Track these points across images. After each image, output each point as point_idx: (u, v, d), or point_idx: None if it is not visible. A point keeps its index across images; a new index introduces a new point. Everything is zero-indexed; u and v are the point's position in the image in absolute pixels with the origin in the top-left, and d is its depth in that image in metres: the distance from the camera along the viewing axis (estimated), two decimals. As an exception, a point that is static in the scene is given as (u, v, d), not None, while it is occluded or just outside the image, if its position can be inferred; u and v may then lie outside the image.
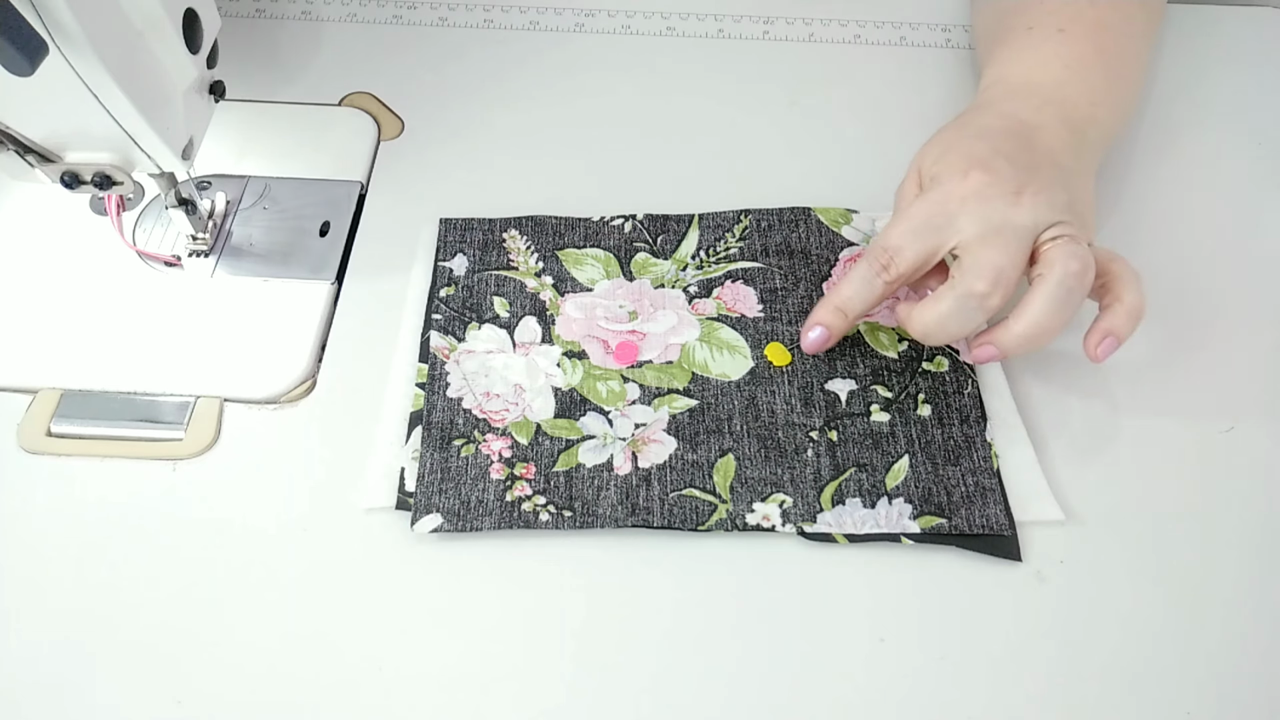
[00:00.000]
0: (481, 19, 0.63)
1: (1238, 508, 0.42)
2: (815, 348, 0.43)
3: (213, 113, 0.46)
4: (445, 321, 0.47)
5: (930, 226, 0.41)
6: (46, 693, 0.37)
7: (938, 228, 0.41)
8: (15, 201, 0.51)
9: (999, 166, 0.41)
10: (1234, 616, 0.39)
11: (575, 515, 0.41)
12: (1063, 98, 0.47)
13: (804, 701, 0.37)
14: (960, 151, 0.43)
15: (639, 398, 0.45)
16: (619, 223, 0.51)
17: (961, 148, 0.43)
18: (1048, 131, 0.45)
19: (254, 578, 0.40)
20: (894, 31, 0.63)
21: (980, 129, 0.45)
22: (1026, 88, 0.48)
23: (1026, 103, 0.47)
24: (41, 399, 0.44)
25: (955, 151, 0.43)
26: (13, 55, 0.34)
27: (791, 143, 0.56)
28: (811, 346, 0.43)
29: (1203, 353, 0.47)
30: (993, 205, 0.40)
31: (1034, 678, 0.38)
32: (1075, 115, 0.47)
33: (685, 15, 0.63)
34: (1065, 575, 0.40)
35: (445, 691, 0.37)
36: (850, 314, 0.43)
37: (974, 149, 0.43)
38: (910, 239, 0.41)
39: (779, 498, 0.41)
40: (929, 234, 0.41)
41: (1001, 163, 0.42)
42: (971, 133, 0.45)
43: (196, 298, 0.48)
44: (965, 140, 0.44)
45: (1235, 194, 0.54)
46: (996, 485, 0.42)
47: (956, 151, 0.43)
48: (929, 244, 0.41)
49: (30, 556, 0.40)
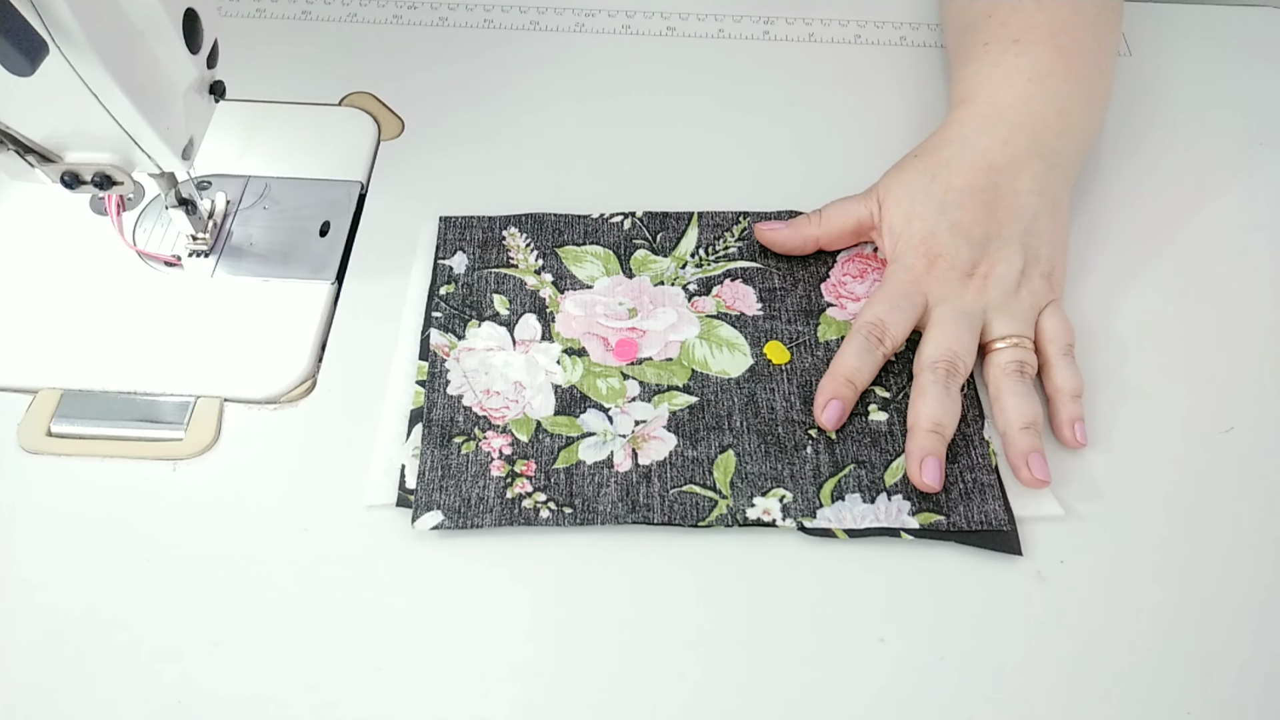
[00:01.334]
0: (481, 19, 0.63)
1: (1238, 507, 0.42)
2: (835, 420, 0.43)
3: (213, 113, 0.46)
4: (445, 319, 0.47)
5: (908, 303, 0.45)
6: (46, 692, 0.37)
7: (914, 304, 0.45)
8: (15, 201, 0.51)
9: (955, 251, 0.46)
10: (1234, 615, 0.39)
11: (576, 512, 0.41)
12: (1031, 115, 0.48)
13: (805, 696, 0.37)
14: (919, 229, 0.47)
15: (639, 395, 0.45)
16: (618, 220, 0.51)
17: (921, 222, 0.47)
18: (1016, 171, 0.47)
19: (254, 577, 0.40)
20: (894, 31, 0.63)
21: (944, 194, 0.47)
22: (993, 114, 0.49)
23: (994, 135, 0.48)
24: (41, 399, 0.44)
25: (915, 227, 0.47)
26: (13, 55, 0.34)
27: (791, 143, 0.56)
28: (831, 421, 0.43)
29: (1203, 353, 0.47)
30: (949, 288, 0.45)
31: (1034, 676, 0.38)
32: (1046, 132, 0.48)
33: (685, 15, 0.63)
34: (1065, 574, 0.40)
35: (446, 690, 0.37)
36: (859, 384, 0.44)
37: (934, 228, 0.46)
38: (895, 315, 0.45)
39: (779, 492, 0.42)
40: (909, 308, 0.45)
41: (959, 244, 0.46)
42: (934, 199, 0.47)
43: (196, 298, 0.48)
44: (928, 212, 0.47)
45: (1235, 194, 0.54)
46: (995, 481, 0.42)
47: (916, 228, 0.47)
48: (910, 317, 0.45)
49: (30, 556, 0.40)
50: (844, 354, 0.44)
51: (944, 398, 0.42)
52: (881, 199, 0.48)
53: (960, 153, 0.48)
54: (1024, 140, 0.48)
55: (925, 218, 0.47)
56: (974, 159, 0.48)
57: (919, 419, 0.42)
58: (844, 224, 0.49)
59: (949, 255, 0.46)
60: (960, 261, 0.46)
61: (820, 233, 0.49)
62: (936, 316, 0.45)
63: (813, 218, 0.49)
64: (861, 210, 0.49)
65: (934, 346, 0.44)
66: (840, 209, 0.49)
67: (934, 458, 0.41)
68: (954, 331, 0.44)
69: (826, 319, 0.47)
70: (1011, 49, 0.50)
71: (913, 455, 0.42)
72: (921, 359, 0.44)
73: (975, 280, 0.45)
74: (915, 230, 0.47)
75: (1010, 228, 0.46)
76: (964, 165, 0.47)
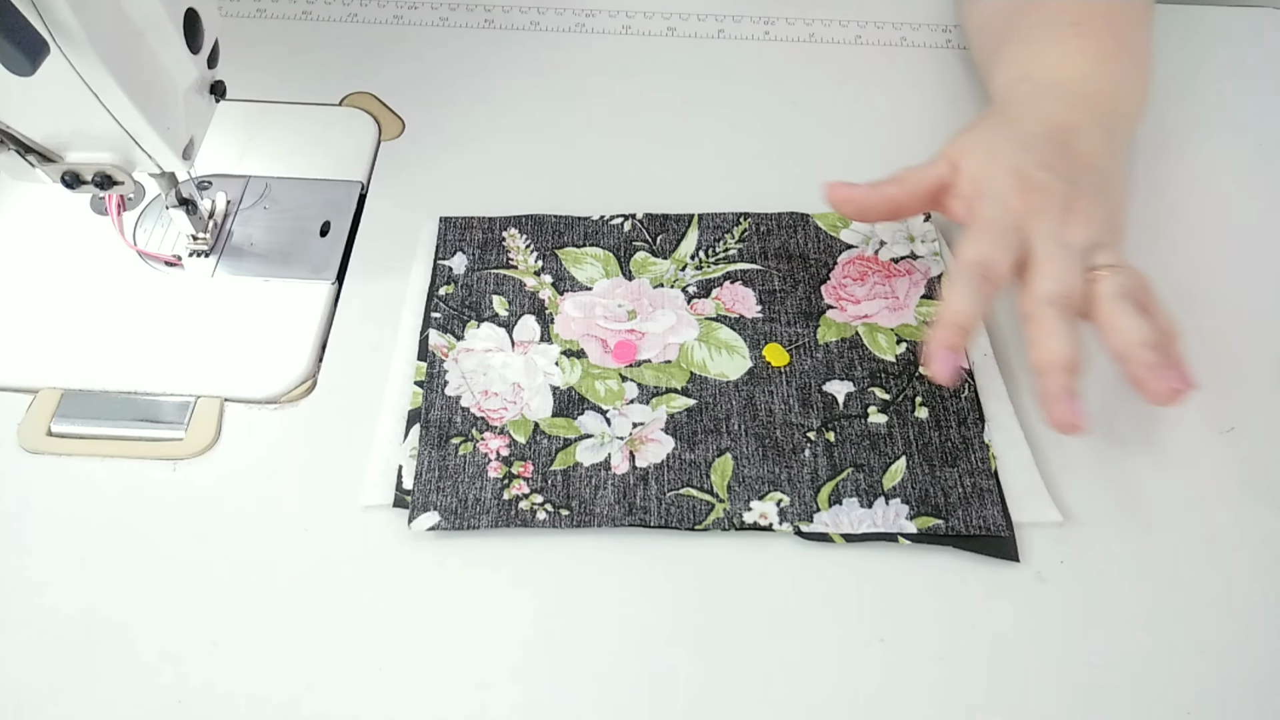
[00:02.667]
0: (481, 19, 0.63)
1: (1237, 508, 0.42)
2: (951, 374, 0.40)
3: (213, 113, 0.46)
4: (444, 320, 0.47)
5: (1010, 238, 0.41)
6: (47, 692, 0.37)
7: (1015, 239, 0.41)
8: (15, 201, 0.52)
9: (1049, 184, 0.42)
10: (1234, 616, 0.39)
11: (572, 514, 0.41)
12: (1090, 93, 0.47)
13: (802, 701, 0.37)
14: (1006, 164, 0.43)
15: (637, 397, 0.45)
16: (618, 222, 0.51)
17: (1006, 158, 0.43)
18: (1084, 134, 0.45)
19: (254, 577, 0.40)
20: (894, 32, 0.63)
21: (1023, 137, 0.45)
22: (1056, 86, 0.48)
23: (1060, 102, 0.47)
24: (42, 399, 0.44)
25: (1000, 163, 0.43)
26: (13, 55, 0.34)
27: (791, 143, 0.56)
28: (946, 374, 0.40)
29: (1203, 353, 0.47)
30: (1050, 223, 0.41)
31: (1034, 678, 0.38)
32: (1104, 111, 0.47)
33: (685, 16, 0.63)
34: (1065, 575, 0.40)
35: (444, 690, 0.37)
36: (969, 328, 0.40)
37: (1020, 162, 0.43)
38: (1000, 252, 0.41)
39: (776, 496, 0.42)
40: (1012, 243, 0.41)
41: (1051, 178, 0.42)
42: (1015, 140, 0.44)
43: (197, 298, 0.48)
44: (1010, 150, 0.44)
45: (1235, 194, 0.54)
46: (994, 486, 0.42)
47: (1002, 163, 0.43)
48: (1013, 253, 0.41)
49: (30, 556, 0.40)
50: (952, 298, 0.41)
51: (1070, 333, 0.39)
52: (955, 155, 0.45)
53: (1028, 110, 0.47)
54: (1087, 111, 0.46)
55: (1009, 154, 0.44)
56: (1043, 116, 0.46)
57: (1049, 355, 0.39)
58: (922, 184, 0.45)
59: (1043, 188, 0.42)
60: (1056, 195, 0.42)
61: (899, 191, 0.45)
62: (1043, 252, 0.41)
63: (891, 181, 0.46)
64: (932, 173, 0.45)
65: (1050, 281, 0.40)
66: (916, 172, 0.46)
67: (1074, 400, 0.38)
68: (1065, 266, 0.40)
69: (826, 321, 0.47)
70: (1070, 30, 0.50)
71: (1051, 396, 0.39)
72: (1036, 294, 0.40)
73: (1076, 215, 0.42)
74: (1000, 166, 0.43)
75: (1090, 177, 0.44)
76: (1035, 118, 0.46)
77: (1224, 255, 0.51)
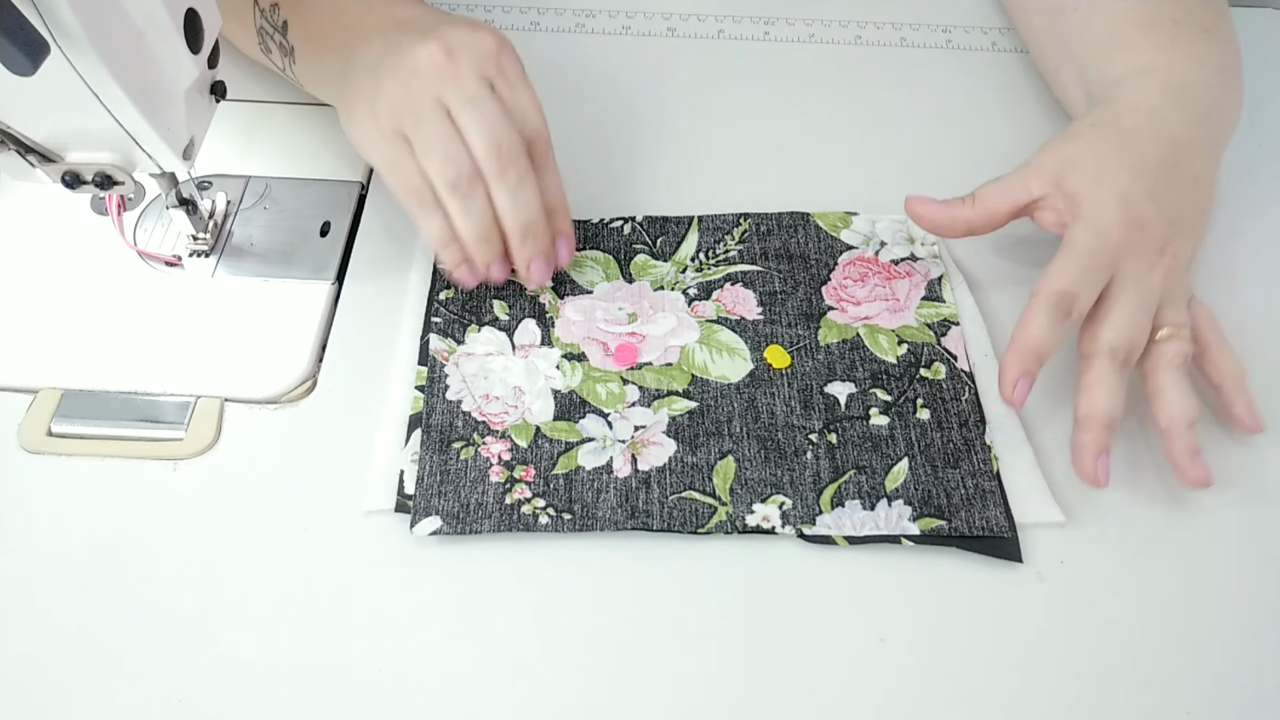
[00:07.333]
0: (481, 20, 0.63)
1: (1237, 508, 0.42)
2: (1024, 399, 0.41)
3: (214, 113, 0.46)
4: (444, 324, 0.47)
5: (1099, 273, 0.42)
6: (47, 692, 0.37)
7: (1104, 274, 0.42)
8: (15, 201, 0.51)
9: (1153, 221, 0.42)
10: (1234, 617, 0.40)
11: (575, 518, 0.41)
12: (1210, 107, 0.47)
13: (805, 703, 0.37)
14: (1113, 190, 0.43)
15: (638, 400, 0.45)
16: (618, 225, 0.51)
17: (1114, 184, 0.43)
18: (1198, 154, 0.46)
19: (254, 578, 0.40)
20: (894, 32, 0.63)
21: (1137, 161, 0.44)
22: (1183, 93, 0.47)
23: (1182, 114, 0.46)
24: (42, 399, 0.44)
25: (1108, 187, 0.43)
26: (14, 55, 0.34)
27: (791, 144, 0.56)
28: (1020, 399, 0.41)
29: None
30: (1141, 264, 0.42)
31: (1034, 678, 0.38)
32: (1217, 128, 0.47)
33: (686, 16, 0.63)
34: (1065, 575, 0.40)
35: (444, 694, 0.37)
36: (1044, 358, 0.41)
37: (1130, 192, 0.43)
38: (1086, 286, 0.41)
39: (778, 499, 0.42)
40: (1099, 278, 0.42)
41: (1152, 213, 0.42)
42: (1126, 164, 0.44)
43: (197, 298, 0.48)
44: (1120, 175, 0.43)
45: (1235, 194, 0.54)
46: (996, 487, 0.42)
47: (1109, 188, 0.43)
48: (1099, 288, 0.42)
49: (30, 556, 0.40)
50: (1030, 326, 0.41)
51: (1120, 389, 0.40)
52: (1057, 170, 0.44)
53: (1147, 123, 0.45)
54: (1204, 130, 0.46)
55: (1119, 180, 0.43)
56: (1162, 131, 0.45)
57: (1095, 411, 0.40)
58: (1000, 205, 0.45)
59: (1145, 225, 0.42)
60: (1156, 234, 0.42)
61: (973, 215, 0.45)
62: (1122, 297, 0.42)
63: (966, 200, 0.46)
64: (1020, 191, 0.45)
65: (1115, 331, 0.41)
66: (996, 190, 0.45)
67: (1106, 455, 0.40)
68: (1137, 318, 0.41)
69: (827, 322, 0.47)
70: (1203, 37, 0.49)
71: (1086, 450, 0.40)
72: (1098, 341, 0.41)
73: (1164, 260, 0.42)
74: (1108, 191, 0.43)
75: (1190, 211, 0.44)
76: (1152, 135, 0.45)
77: (1223, 255, 0.51)
